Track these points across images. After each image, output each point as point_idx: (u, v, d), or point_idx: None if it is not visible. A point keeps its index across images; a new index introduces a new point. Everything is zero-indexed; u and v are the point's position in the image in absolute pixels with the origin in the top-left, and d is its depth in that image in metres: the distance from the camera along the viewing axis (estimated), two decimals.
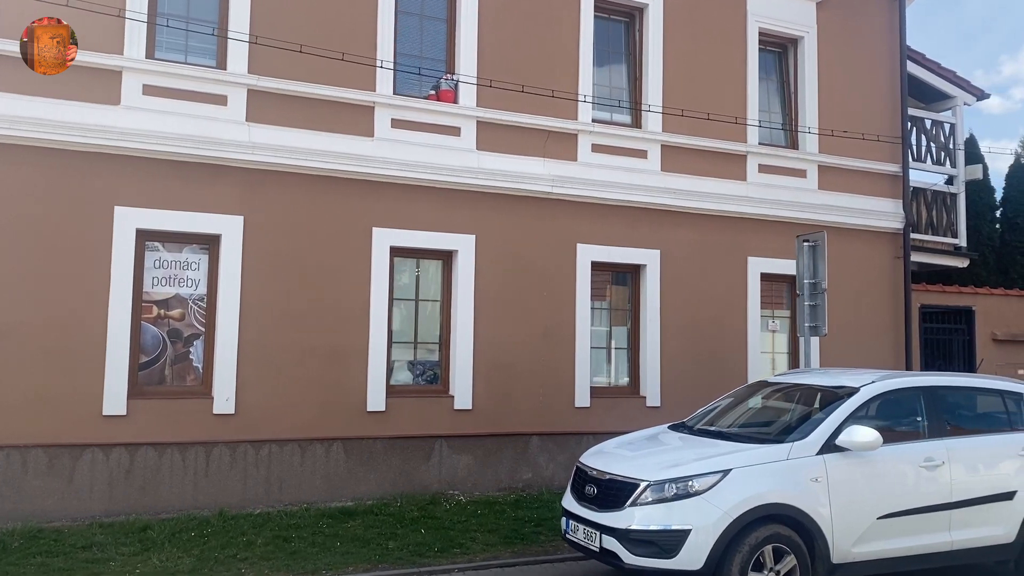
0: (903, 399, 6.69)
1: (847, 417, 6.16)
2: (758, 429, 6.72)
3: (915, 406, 6.64)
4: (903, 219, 13.30)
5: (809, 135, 12.82)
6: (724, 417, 7.13)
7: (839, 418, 6.13)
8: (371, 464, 9.79)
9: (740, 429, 6.77)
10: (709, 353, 11.79)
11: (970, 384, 7.05)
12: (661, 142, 11.75)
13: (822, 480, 5.87)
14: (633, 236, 11.53)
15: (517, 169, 10.77)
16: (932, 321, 14.23)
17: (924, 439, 6.45)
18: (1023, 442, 6.74)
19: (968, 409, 6.96)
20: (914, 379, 6.76)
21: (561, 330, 10.97)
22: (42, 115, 8.53)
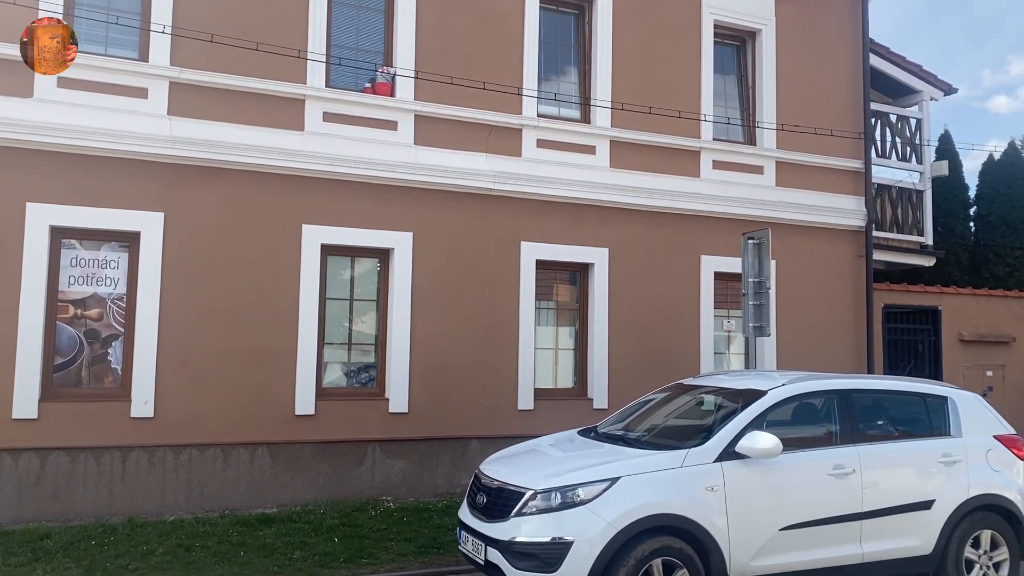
0: (814, 403, 6.35)
1: (750, 422, 5.82)
2: (663, 434, 6.37)
3: (827, 410, 6.30)
4: (865, 216, 12.96)
5: (767, 131, 12.48)
6: (635, 421, 6.80)
7: (741, 423, 5.79)
8: (299, 470, 9.47)
9: (645, 434, 6.42)
10: (660, 354, 11.46)
11: (889, 387, 6.70)
12: (610, 138, 11.43)
13: (719, 489, 5.53)
14: (580, 234, 11.20)
15: (457, 165, 10.45)
16: (897, 321, 13.88)
17: (835, 445, 6.10)
18: (944, 448, 6.39)
19: (886, 414, 6.61)
20: (827, 382, 6.41)
21: (504, 330, 10.65)
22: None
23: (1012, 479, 6.57)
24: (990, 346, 14.05)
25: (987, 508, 6.40)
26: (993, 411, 6.84)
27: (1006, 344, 14.18)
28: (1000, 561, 6.46)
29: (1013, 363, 14.24)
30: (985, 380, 13.97)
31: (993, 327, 14.14)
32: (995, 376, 14.05)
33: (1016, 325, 14.35)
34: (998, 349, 14.11)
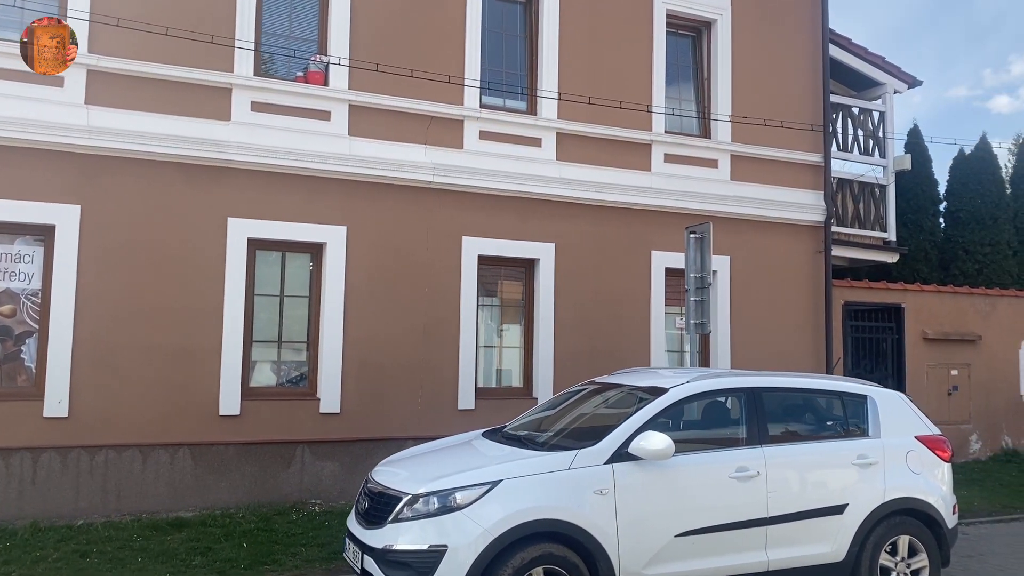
0: (720, 402, 6.03)
1: (647, 421, 5.49)
2: (568, 435, 6.02)
3: (733, 410, 5.98)
4: (824, 211, 12.64)
5: (722, 124, 12.16)
6: (544, 421, 6.47)
7: (637, 423, 5.47)
8: (222, 472, 9.15)
9: (550, 435, 6.09)
10: (608, 352, 11.14)
11: (803, 386, 6.37)
12: (557, 130, 11.11)
13: (608, 492, 5.20)
14: (525, 229, 10.89)
15: (395, 157, 10.13)
16: (861, 319, 13.56)
17: (740, 446, 5.77)
18: (859, 450, 6.07)
19: (798, 413, 6.29)
20: (734, 380, 6.08)
21: (444, 328, 10.33)
22: None
23: (933, 482, 6.25)
24: (955, 344, 13.73)
25: (905, 512, 6.08)
26: (916, 410, 6.52)
27: (972, 343, 13.86)
28: (919, 568, 6.13)
29: (979, 362, 13.92)
30: (950, 379, 13.66)
31: (959, 325, 13.82)
32: (960, 375, 13.74)
33: (982, 323, 14.03)
34: (963, 348, 13.79)
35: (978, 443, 13.83)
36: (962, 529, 8.80)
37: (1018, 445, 14.10)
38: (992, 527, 8.99)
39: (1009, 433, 14.11)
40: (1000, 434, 14.05)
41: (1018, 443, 14.12)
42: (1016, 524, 9.18)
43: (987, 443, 13.90)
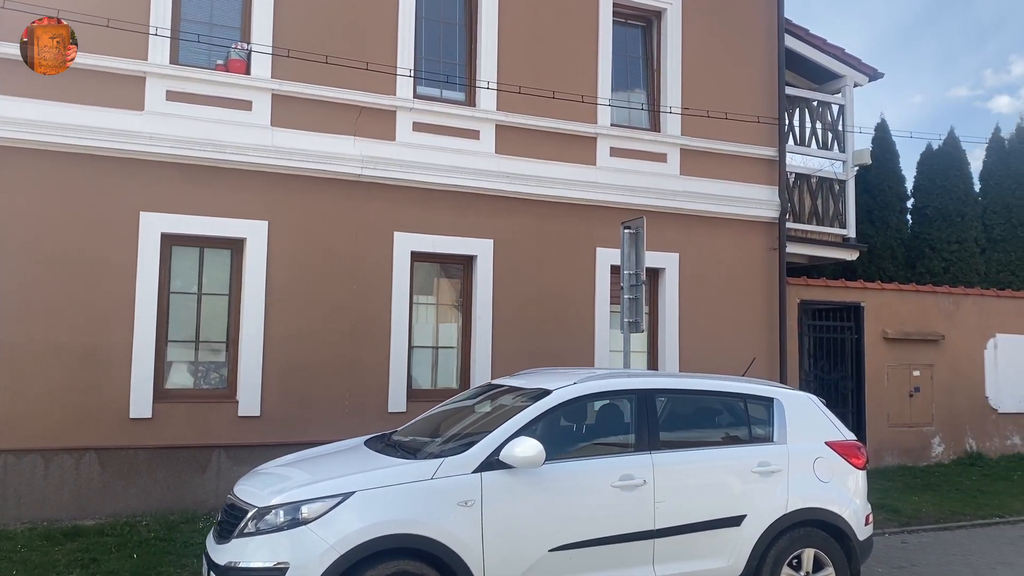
0: (608, 404, 5.63)
1: (524, 426, 5.09)
2: (441, 441, 5.58)
3: (623, 413, 5.58)
4: (778, 207, 12.24)
5: (672, 117, 11.76)
6: (432, 426, 6.05)
7: (512, 428, 5.06)
8: (132, 477, 8.74)
9: (426, 441, 5.65)
10: (550, 352, 10.73)
11: (702, 388, 5.96)
12: (496, 122, 10.71)
13: (474, 504, 4.80)
14: (463, 224, 10.48)
15: (321, 148, 9.72)
16: (820, 318, 13.18)
17: (627, 453, 5.36)
18: (761, 456, 5.66)
19: (696, 417, 5.89)
20: (626, 380, 5.67)
21: (374, 327, 9.93)
22: None
23: (843, 491, 5.84)
24: (917, 344, 13.34)
25: (810, 524, 5.67)
26: (829, 414, 6.10)
27: (935, 342, 13.47)
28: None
29: (942, 362, 13.53)
30: (912, 380, 13.27)
31: (921, 324, 13.43)
32: (923, 376, 13.35)
33: (946, 322, 13.64)
34: (926, 347, 13.40)
35: (941, 446, 13.43)
36: (903, 538, 8.43)
37: (983, 448, 13.71)
38: (935, 536, 8.60)
39: (973, 436, 13.72)
40: (964, 437, 13.65)
41: (982, 446, 13.73)
42: (961, 532, 8.79)
43: (950, 446, 13.51)
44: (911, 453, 13.13)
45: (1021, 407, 14.14)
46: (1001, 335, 14.08)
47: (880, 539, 8.34)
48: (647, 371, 6.30)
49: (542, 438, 5.07)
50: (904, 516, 9.27)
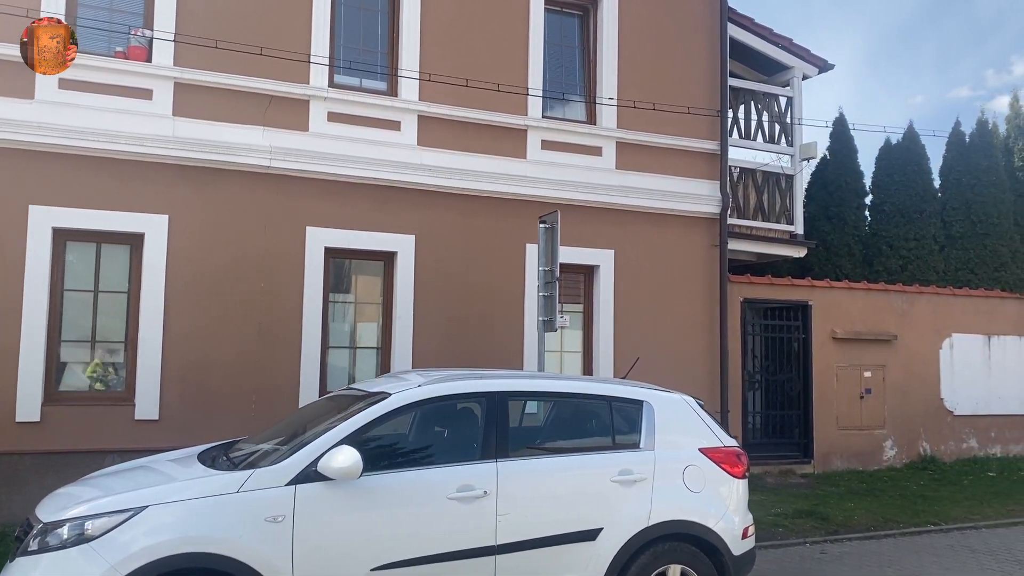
0: (454, 409, 5.20)
1: (352, 433, 4.66)
2: (264, 452, 5.08)
3: (469, 418, 5.14)
4: (719, 202, 11.82)
5: (608, 109, 11.34)
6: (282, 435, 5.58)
7: (338, 435, 4.63)
8: (17, 484, 8.29)
9: (256, 450, 5.17)
10: (476, 353, 10.31)
11: (560, 389, 5.52)
12: (418, 112, 10.29)
13: (285, 519, 4.37)
14: (382, 219, 10.06)
15: (226, 139, 9.30)
16: (768, 317, 12.77)
17: (469, 461, 4.92)
18: (623, 464, 5.21)
19: (555, 422, 5.47)
20: (475, 383, 5.23)
21: (284, 327, 9.50)
22: None
23: (716, 501, 5.39)
24: (869, 344, 12.92)
25: (677, 537, 5.22)
26: (706, 418, 5.66)
27: (887, 342, 13.05)
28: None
29: (895, 362, 13.12)
30: (863, 381, 12.85)
31: (873, 324, 13.01)
32: (874, 377, 12.94)
33: (899, 321, 13.23)
34: (878, 347, 12.99)
35: (893, 449, 13.02)
36: (823, 548, 8.02)
37: (937, 452, 13.29)
38: (858, 546, 8.17)
39: (928, 439, 13.30)
40: (918, 440, 13.24)
41: (937, 449, 13.31)
42: (888, 542, 8.37)
43: (903, 449, 13.09)
44: (862, 457, 12.71)
45: (978, 409, 13.74)
46: (957, 335, 13.68)
47: (798, 549, 7.94)
48: (510, 372, 5.83)
49: (373, 447, 4.65)
50: (833, 524, 8.85)
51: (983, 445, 13.74)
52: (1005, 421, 13.96)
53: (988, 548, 8.13)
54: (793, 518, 9.00)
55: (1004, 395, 13.96)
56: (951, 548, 8.11)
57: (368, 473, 4.57)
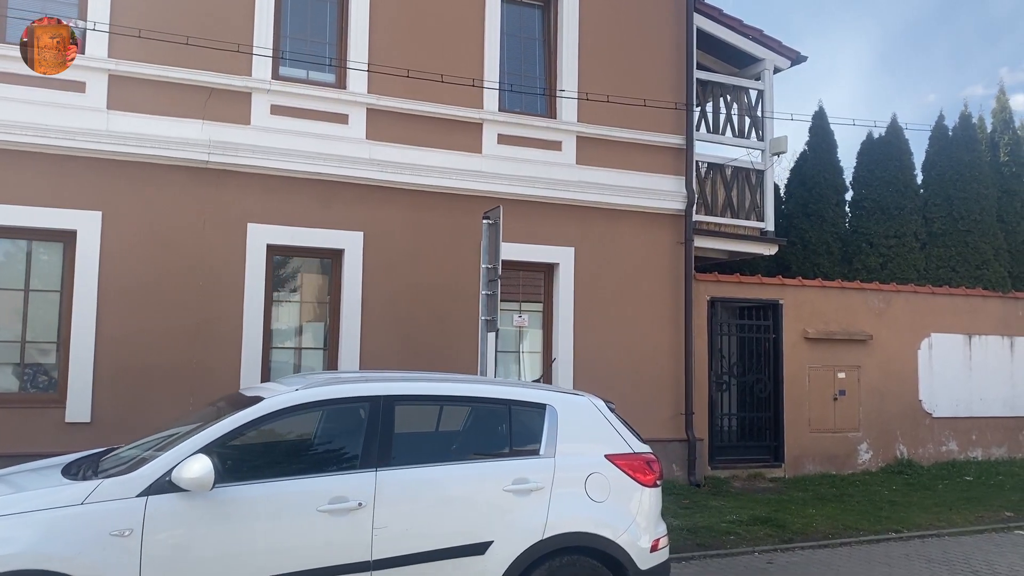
0: (336, 414, 4.86)
1: (213, 441, 4.33)
2: (132, 460, 4.74)
3: (350, 424, 4.80)
4: (685, 198, 11.47)
5: (569, 102, 11.00)
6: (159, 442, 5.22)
7: (198, 443, 4.30)
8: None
9: (124, 458, 4.84)
10: (428, 353, 10.00)
11: (456, 393, 5.17)
12: (367, 105, 9.98)
13: (134, 534, 4.05)
14: (328, 216, 9.76)
15: (163, 133, 9.01)
16: (741, 317, 12.42)
17: (348, 471, 4.59)
18: (519, 472, 4.86)
19: (447, 427, 5.13)
20: (360, 387, 4.88)
21: (224, 326, 9.20)
22: None
23: (621, 512, 5.02)
24: (842, 344, 12.55)
25: (575, 551, 4.87)
26: (616, 422, 5.30)
27: (862, 342, 12.67)
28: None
29: (871, 363, 12.74)
30: (836, 383, 12.48)
31: (847, 323, 12.64)
32: (848, 378, 12.56)
33: (875, 321, 12.85)
34: (852, 348, 12.61)
35: (868, 453, 12.63)
36: (771, 557, 7.67)
37: (915, 455, 12.90)
38: (809, 555, 7.81)
39: (905, 442, 12.91)
40: (894, 443, 12.85)
41: (915, 453, 12.92)
42: (842, 550, 8.00)
43: (879, 453, 12.71)
44: (835, 461, 12.33)
45: (958, 411, 13.35)
46: (936, 334, 13.29)
47: (745, 559, 7.59)
48: (402, 375, 5.49)
49: (238, 455, 4.33)
50: (789, 532, 8.49)
51: (963, 448, 13.34)
52: (987, 423, 13.56)
53: (946, 558, 7.76)
54: (748, 525, 8.65)
55: (986, 396, 13.56)
56: (906, 557, 7.74)
57: (228, 484, 4.25)
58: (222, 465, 4.32)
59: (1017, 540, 8.55)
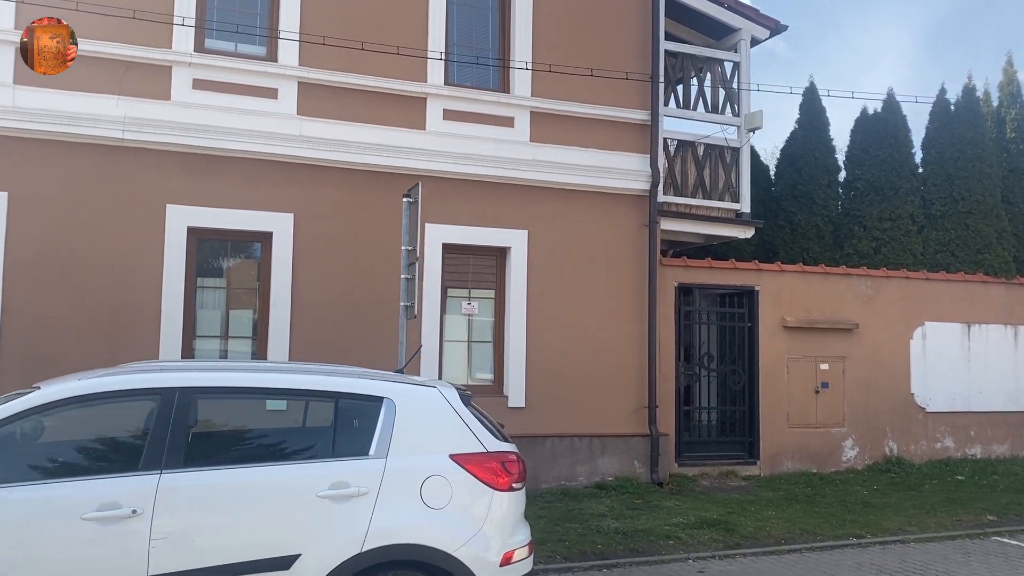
0: (116, 409, 4.26)
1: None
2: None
3: (137, 419, 4.20)
4: (650, 177, 10.73)
5: (522, 74, 10.32)
6: None
7: None
8: None
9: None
10: (362, 342, 9.41)
11: (269, 385, 4.49)
12: (298, 78, 9.41)
13: None
14: (256, 197, 9.22)
15: (72, 109, 8.52)
16: (718, 305, 11.67)
17: (126, 473, 3.99)
18: (338, 475, 4.22)
19: (256, 424, 4.50)
20: (147, 377, 4.28)
21: (140, 314, 8.71)
22: None
23: (463, 520, 4.34)
24: (826, 334, 11.72)
25: (402, 565, 4.23)
26: (469, 417, 4.61)
27: (847, 331, 11.83)
28: None
29: (857, 354, 11.89)
30: (818, 375, 11.66)
31: (831, 311, 11.81)
32: (832, 370, 11.74)
33: (862, 309, 12.00)
34: (836, 337, 11.78)
35: (854, 450, 11.80)
36: (704, 565, 6.94)
37: (906, 452, 12.04)
38: (751, 562, 7.07)
39: (895, 438, 12.06)
40: (884, 439, 12.00)
41: (906, 450, 12.06)
42: (789, 558, 7.25)
43: (866, 450, 11.87)
44: (817, 458, 11.53)
45: (955, 405, 12.45)
46: (931, 323, 12.40)
47: (676, 567, 6.89)
48: (208, 364, 4.88)
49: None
50: (737, 537, 7.75)
51: (960, 445, 12.44)
52: (986, 419, 12.64)
53: (902, 567, 6.99)
54: (693, 528, 7.93)
55: (985, 390, 12.64)
56: (857, 567, 6.98)
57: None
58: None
59: (991, 548, 7.74)
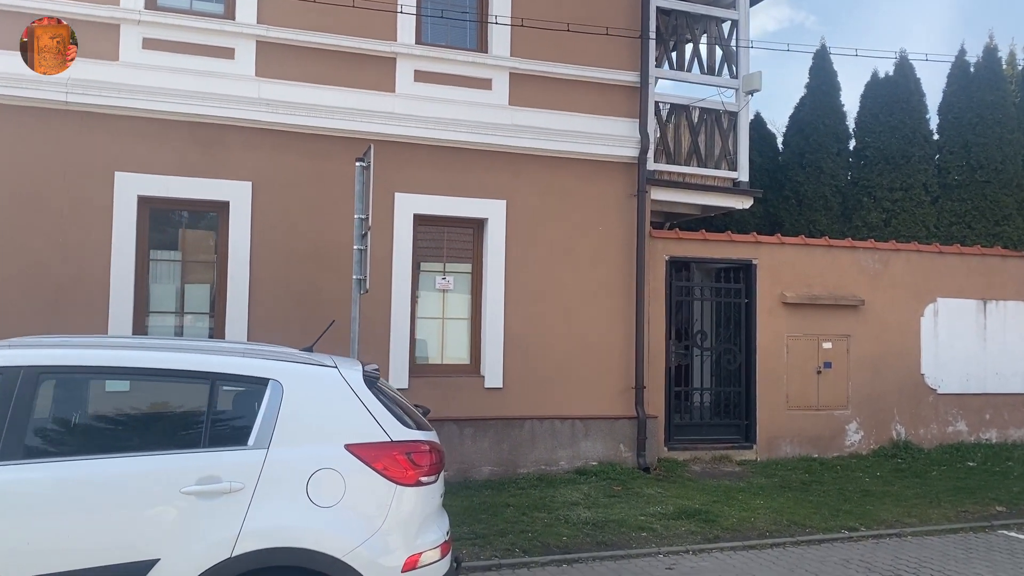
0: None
1: None
2: None
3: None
4: (639, 144, 10.05)
5: (502, 33, 9.66)
6: None
7: None
8: None
9: None
10: (326, 319, 8.77)
11: (132, 364, 3.89)
12: (256, 37, 8.82)
13: None
14: (211, 164, 8.67)
15: (11, 70, 7.96)
16: (715, 280, 11.01)
17: None
18: (207, 469, 3.66)
19: (115, 409, 3.94)
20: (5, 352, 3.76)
21: (88, 288, 8.22)
22: None
23: (356, 520, 3.75)
24: (829, 310, 11.01)
25: (281, 572, 3.68)
26: (371, 401, 4.01)
27: (853, 308, 11.11)
28: None
29: (863, 332, 11.17)
30: (821, 354, 10.97)
31: (834, 287, 11.09)
32: (836, 349, 11.04)
33: (869, 284, 11.27)
34: (841, 314, 11.06)
35: (858, 434, 11.11)
36: (674, 561, 6.34)
37: (915, 436, 11.34)
38: (726, 557, 6.47)
39: (903, 421, 11.35)
40: (891, 423, 11.30)
41: (915, 434, 11.36)
42: (769, 553, 6.63)
43: (872, 434, 11.18)
44: (818, 442, 10.86)
45: (969, 387, 11.71)
46: (943, 299, 11.64)
47: (643, 562, 6.32)
48: (64, 339, 4.26)
49: None
50: (717, 529, 7.15)
51: (974, 429, 11.71)
52: (1003, 401, 11.89)
53: (893, 564, 6.36)
54: (670, 519, 7.34)
55: (1003, 371, 11.88)
56: (844, 564, 6.35)
57: None
58: None
59: (996, 543, 7.08)
